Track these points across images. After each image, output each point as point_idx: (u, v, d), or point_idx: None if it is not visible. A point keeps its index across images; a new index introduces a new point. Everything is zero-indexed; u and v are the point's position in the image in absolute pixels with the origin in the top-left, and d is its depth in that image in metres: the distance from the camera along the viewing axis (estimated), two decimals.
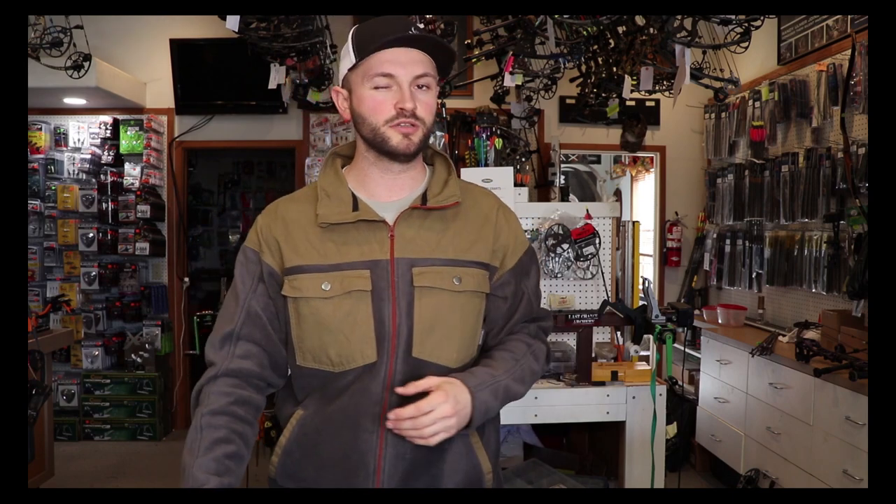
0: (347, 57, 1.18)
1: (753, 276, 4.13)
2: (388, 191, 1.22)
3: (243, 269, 1.22)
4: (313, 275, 1.16)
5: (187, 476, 1.08)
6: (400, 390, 1.11)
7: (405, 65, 1.13)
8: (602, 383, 2.30)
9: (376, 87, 1.14)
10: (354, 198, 1.20)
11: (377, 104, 1.14)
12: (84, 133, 4.71)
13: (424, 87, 1.16)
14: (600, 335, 2.61)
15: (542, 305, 1.36)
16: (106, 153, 4.68)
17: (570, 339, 2.51)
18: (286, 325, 1.21)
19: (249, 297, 1.20)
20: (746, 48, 3.10)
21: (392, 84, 1.13)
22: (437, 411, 1.07)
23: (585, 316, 2.26)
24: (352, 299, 1.15)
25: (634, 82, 3.45)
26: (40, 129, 4.66)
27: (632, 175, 5.90)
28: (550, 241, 2.50)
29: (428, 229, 1.20)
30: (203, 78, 4.66)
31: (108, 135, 4.68)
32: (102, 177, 4.67)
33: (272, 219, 1.23)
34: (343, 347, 1.15)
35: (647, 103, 4.85)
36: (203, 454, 1.09)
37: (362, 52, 1.14)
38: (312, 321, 1.17)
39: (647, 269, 5.12)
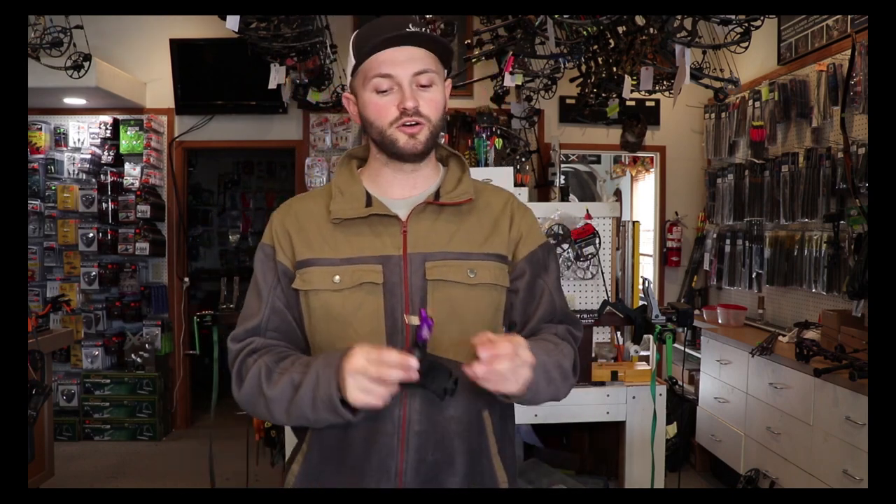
0: (349, 61, 1.18)
1: (753, 276, 4.13)
2: (402, 189, 1.21)
3: (263, 266, 1.21)
4: (324, 268, 1.16)
5: (281, 389, 1.08)
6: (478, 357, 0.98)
7: (403, 63, 1.12)
8: (602, 383, 2.30)
9: (377, 90, 1.13)
10: (368, 195, 1.20)
11: (380, 107, 1.14)
12: (84, 133, 4.71)
13: (427, 85, 1.14)
14: (600, 335, 2.60)
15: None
16: (106, 153, 4.68)
17: None
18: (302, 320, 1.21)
19: (272, 295, 1.19)
20: (746, 48, 3.10)
21: (392, 85, 1.13)
22: (508, 354, 0.99)
23: (585, 316, 2.26)
24: (363, 292, 1.13)
25: (634, 82, 3.45)
26: (40, 129, 4.66)
27: (632, 175, 5.90)
28: (550, 241, 2.50)
29: (442, 224, 1.19)
30: (203, 78, 4.67)
31: (108, 135, 4.68)
32: (102, 177, 4.67)
33: (285, 214, 1.23)
34: (352, 341, 1.10)
35: (647, 103, 4.85)
36: (283, 371, 1.10)
37: (360, 56, 1.14)
38: (322, 313, 1.16)
39: (647, 269, 5.12)
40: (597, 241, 2.52)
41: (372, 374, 0.99)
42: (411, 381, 0.99)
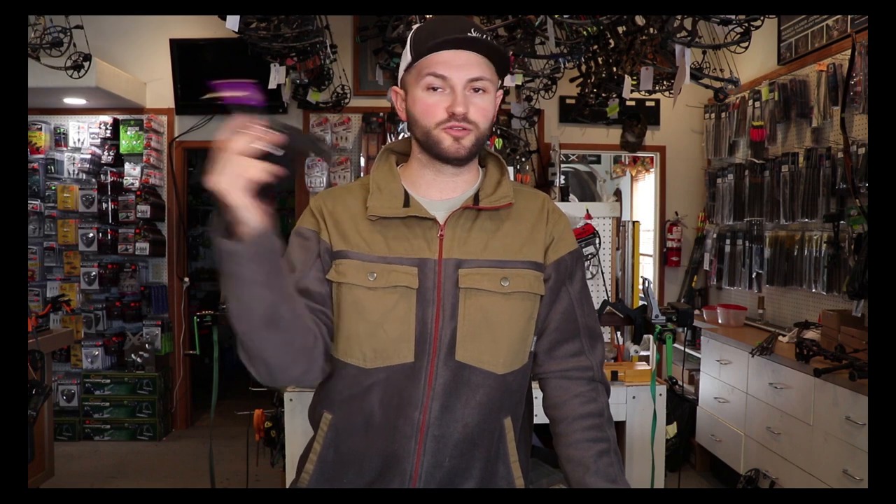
0: (405, 57, 1.16)
1: (753, 276, 4.14)
2: (441, 191, 1.19)
3: (299, 248, 1.17)
4: (359, 262, 1.13)
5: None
6: None
7: (460, 67, 1.11)
8: None
9: (429, 89, 1.12)
10: (406, 194, 1.18)
11: (429, 107, 1.12)
12: (84, 133, 4.71)
13: (480, 91, 1.13)
14: None
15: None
16: (106, 153, 4.68)
17: None
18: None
19: (305, 276, 1.14)
20: (746, 48, 3.10)
21: (445, 86, 1.11)
22: None
23: None
24: (396, 294, 1.11)
25: (634, 82, 3.46)
26: (40, 129, 4.66)
27: (632, 175, 5.91)
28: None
29: (478, 230, 1.17)
30: (203, 78, 4.65)
31: (108, 135, 4.68)
32: (102, 177, 4.67)
33: (323, 201, 1.21)
34: (380, 342, 1.11)
35: (647, 103, 4.85)
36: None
37: (418, 53, 1.12)
38: (353, 310, 1.13)
39: (647, 269, 5.12)
40: (597, 241, 2.52)
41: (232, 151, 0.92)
42: (277, 142, 0.93)
